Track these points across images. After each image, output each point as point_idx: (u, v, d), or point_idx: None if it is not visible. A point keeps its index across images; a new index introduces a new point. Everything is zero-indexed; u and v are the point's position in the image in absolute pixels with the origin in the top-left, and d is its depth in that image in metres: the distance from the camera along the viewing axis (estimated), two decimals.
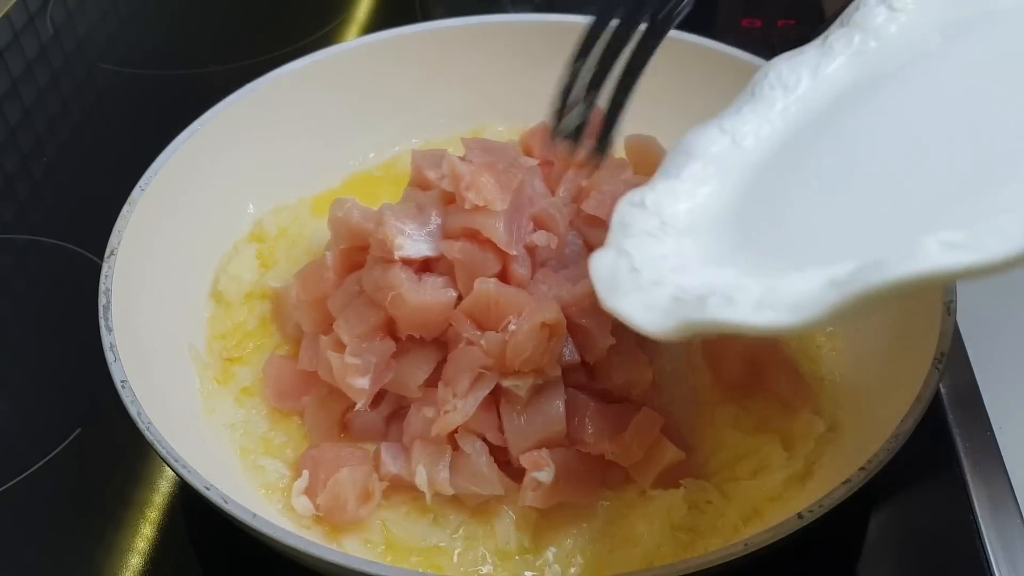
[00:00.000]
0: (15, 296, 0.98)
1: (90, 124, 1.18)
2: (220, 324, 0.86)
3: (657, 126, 0.98)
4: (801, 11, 1.24)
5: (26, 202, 1.07)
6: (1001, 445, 0.79)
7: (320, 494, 0.71)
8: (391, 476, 0.73)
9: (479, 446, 0.72)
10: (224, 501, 0.63)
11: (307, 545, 0.62)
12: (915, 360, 0.72)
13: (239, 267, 0.88)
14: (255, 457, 0.77)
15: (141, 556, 0.75)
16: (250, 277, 0.88)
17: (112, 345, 0.71)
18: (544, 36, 0.99)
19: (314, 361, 0.77)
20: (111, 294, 0.74)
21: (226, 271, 0.88)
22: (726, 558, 0.60)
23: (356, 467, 0.72)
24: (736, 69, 0.94)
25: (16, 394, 0.89)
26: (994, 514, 0.75)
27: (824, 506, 0.62)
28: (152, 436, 0.66)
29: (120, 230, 0.79)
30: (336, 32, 1.28)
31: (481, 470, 0.71)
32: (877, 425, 0.70)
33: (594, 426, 0.72)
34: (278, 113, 0.94)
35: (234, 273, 0.88)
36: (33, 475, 0.81)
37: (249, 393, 0.81)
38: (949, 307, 0.72)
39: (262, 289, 0.87)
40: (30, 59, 1.24)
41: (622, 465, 0.72)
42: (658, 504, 0.72)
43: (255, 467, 0.76)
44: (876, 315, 0.81)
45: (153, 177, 0.83)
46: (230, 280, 0.87)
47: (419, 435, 0.73)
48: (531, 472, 0.70)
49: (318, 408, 0.77)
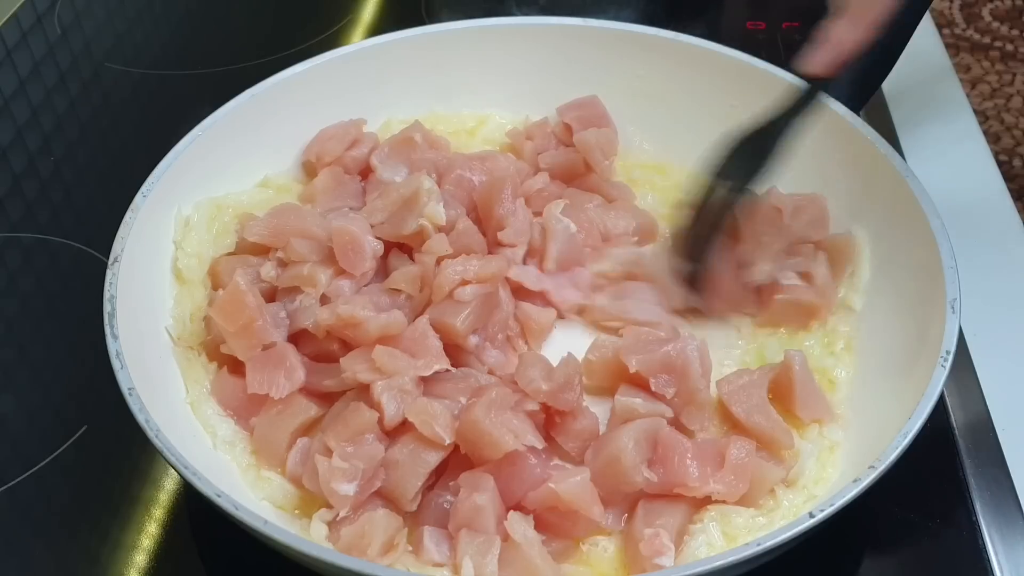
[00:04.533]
0: (22, 294, 0.99)
1: (97, 124, 1.18)
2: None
3: (661, 128, 0.99)
4: (806, 13, 1.24)
5: (33, 201, 1.07)
6: (1003, 446, 0.79)
7: (345, 527, 0.69)
8: (433, 562, 0.69)
9: (531, 535, 0.68)
10: (235, 508, 0.63)
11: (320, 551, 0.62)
12: (921, 359, 0.73)
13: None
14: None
15: (146, 553, 0.75)
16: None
17: (118, 352, 0.71)
18: (548, 38, 1.00)
19: (264, 384, 0.75)
20: (116, 301, 0.74)
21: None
22: (739, 557, 0.60)
23: (391, 513, 0.70)
24: (741, 72, 0.95)
25: (23, 391, 0.89)
26: (996, 515, 0.75)
27: (835, 504, 0.62)
28: (161, 443, 0.66)
29: (123, 237, 0.79)
30: (341, 34, 1.28)
31: (535, 562, 0.66)
32: (885, 423, 0.70)
33: (697, 467, 0.70)
34: (279, 116, 0.95)
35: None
36: (39, 472, 0.81)
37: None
38: (953, 306, 0.72)
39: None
40: (38, 59, 1.25)
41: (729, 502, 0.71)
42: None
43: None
44: (880, 313, 0.82)
45: (155, 183, 0.83)
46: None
47: (466, 523, 0.68)
48: (652, 559, 0.67)
49: (268, 428, 0.76)
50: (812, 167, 0.91)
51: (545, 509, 0.70)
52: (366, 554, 0.67)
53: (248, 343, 0.77)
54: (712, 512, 0.71)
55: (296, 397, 0.76)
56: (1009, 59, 2.58)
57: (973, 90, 2.49)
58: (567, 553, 0.71)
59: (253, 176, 0.94)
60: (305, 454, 0.74)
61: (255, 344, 0.77)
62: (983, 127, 2.06)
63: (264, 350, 0.77)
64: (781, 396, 0.77)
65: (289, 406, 0.76)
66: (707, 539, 0.69)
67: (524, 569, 0.66)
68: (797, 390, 0.76)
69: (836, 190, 0.89)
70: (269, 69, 0.95)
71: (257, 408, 0.77)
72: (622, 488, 0.72)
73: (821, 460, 0.75)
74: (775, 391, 0.78)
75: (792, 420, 0.77)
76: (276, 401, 0.75)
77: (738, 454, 0.71)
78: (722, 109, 0.96)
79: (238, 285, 0.77)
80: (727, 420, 0.77)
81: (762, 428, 0.74)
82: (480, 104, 1.02)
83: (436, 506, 0.71)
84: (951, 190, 0.88)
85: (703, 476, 0.70)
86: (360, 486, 0.70)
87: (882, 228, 0.85)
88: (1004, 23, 2.67)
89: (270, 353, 0.77)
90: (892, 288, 0.82)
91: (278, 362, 0.76)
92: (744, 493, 0.71)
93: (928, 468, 0.77)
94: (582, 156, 0.94)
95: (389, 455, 0.71)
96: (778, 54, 1.13)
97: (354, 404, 0.73)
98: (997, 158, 1.08)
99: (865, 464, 0.64)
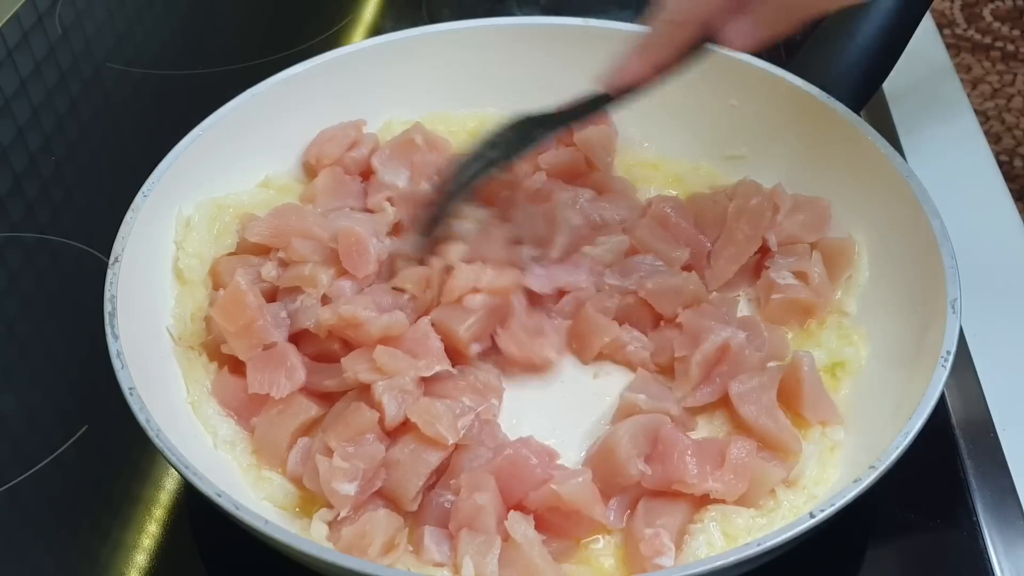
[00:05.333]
0: (23, 294, 0.99)
1: (98, 123, 1.18)
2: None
3: (661, 128, 0.99)
4: None
5: (34, 201, 1.07)
6: (1004, 447, 0.79)
7: (346, 527, 0.69)
8: (433, 562, 0.69)
9: (532, 535, 0.68)
10: (235, 508, 0.63)
11: (321, 551, 0.62)
12: (922, 359, 0.73)
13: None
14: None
15: (146, 553, 0.75)
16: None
17: (119, 352, 0.71)
18: (551, 38, 1.00)
19: (265, 384, 0.75)
20: (116, 301, 0.74)
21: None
22: (741, 557, 0.60)
23: (392, 513, 0.70)
24: (741, 72, 0.95)
25: (23, 391, 0.89)
26: (996, 515, 0.75)
27: (836, 504, 0.62)
28: (162, 444, 0.66)
29: (124, 236, 0.79)
30: (342, 34, 1.28)
31: (535, 562, 0.66)
32: (885, 423, 0.70)
33: (696, 464, 0.70)
34: (281, 116, 0.94)
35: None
36: (39, 472, 0.81)
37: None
38: (954, 306, 0.72)
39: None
40: (39, 59, 1.25)
41: (727, 501, 0.71)
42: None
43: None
44: (881, 313, 0.82)
45: (156, 183, 0.83)
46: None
47: (467, 523, 0.68)
48: (653, 559, 0.67)
49: (268, 428, 0.76)
50: (812, 166, 0.91)
51: (546, 509, 0.70)
52: (367, 554, 0.67)
53: (249, 343, 0.77)
54: (712, 512, 0.70)
55: (297, 397, 0.76)
56: (1010, 59, 2.58)
57: (974, 90, 2.49)
58: (568, 553, 0.70)
59: (254, 176, 0.94)
60: (306, 454, 0.74)
61: (256, 344, 0.77)
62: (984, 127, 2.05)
63: (265, 350, 0.77)
64: (788, 397, 0.77)
65: (290, 406, 0.76)
66: (707, 539, 0.69)
67: (525, 569, 0.66)
68: (805, 392, 0.76)
69: (836, 190, 0.89)
70: (270, 69, 0.95)
71: (258, 408, 0.77)
72: (618, 481, 0.72)
73: (822, 460, 0.75)
74: (783, 392, 0.77)
75: (797, 420, 0.77)
76: (277, 401, 0.75)
77: (738, 453, 0.71)
78: (722, 108, 0.96)
79: (239, 285, 0.77)
80: (735, 420, 0.77)
81: (769, 431, 0.74)
82: (480, 104, 1.02)
83: (437, 506, 0.71)
84: (951, 190, 0.88)
85: (702, 473, 0.70)
86: (361, 486, 0.69)
87: (882, 228, 0.85)
88: (1005, 23, 2.67)
89: (271, 353, 0.77)
90: (892, 288, 0.82)
91: (279, 362, 0.76)
92: (744, 493, 0.70)
93: (928, 468, 0.77)
94: (583, 154, 0.94)
95: (390, 455, 0.71)
96: (778, 54, 1.13)
97: (355, 404, 0.73)
98: (998, 158, 1.08)
99: (865, 464, 0.64)
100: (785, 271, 0.84)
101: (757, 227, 0.85)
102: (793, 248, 0.86)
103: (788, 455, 0.74)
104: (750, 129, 0.95)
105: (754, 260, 0.87)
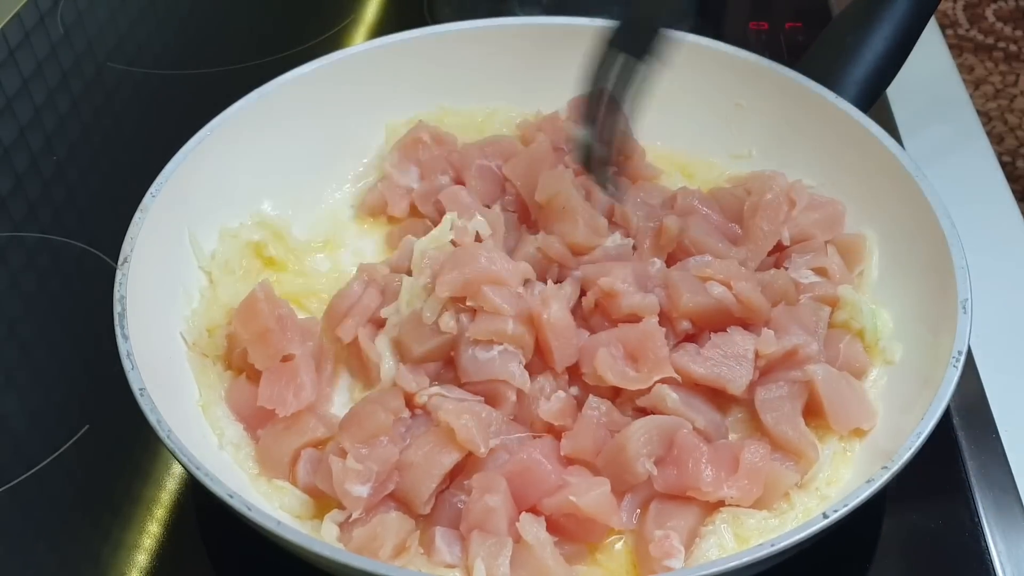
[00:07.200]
0: (25, 293, 0.99)
1: (100, 123, 1.18)
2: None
3: (665, 127, 0.99)
4: (808, 13, 1.24)
5: (36, 201, 1.07)
6: (1007, 448, 0.79)
7: (358, 528, 0.69)
8: (445, 563, 0.69)
9: (543, 537, 0.67)
10: (248, 509, 0.63)
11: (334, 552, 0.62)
12: (932, 359, 0.73)
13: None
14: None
15: (148, 553, 0.75)
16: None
17: (129, 353, 0.70)
18: (552, 38, 1.00)
19: (273, 399, 0.75)
20: (126, 301, 0.74)
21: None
22: (755, 558, 0.60)
23: (404, 516, 0.70)
24: (744, 71, 0.95)
25: (25, 390, 0.89)
26: (998, 516, 0.75)
27: (849, 505, 0.62)
28: (173, 444, 0.66)
29: (132, 237, 0.79)
30: (344, 34, 1.28)
31: (547, 564, 0.66)
32: (896, 424, 0.70)
33: (711, 471, 0.70)
34: (287, 116, 0.94)
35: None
36: (41, 471, 0.81)
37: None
38: (965, 306, 0.72)
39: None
40: (40, 58, 1.25)
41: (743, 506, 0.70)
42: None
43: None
44: (891, 313, 0.82)
45: (164, 184, 0.83)
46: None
47: (478, 524, 0.68)
48: (662, 561, 0.67)
49: (272, 442, 0.75)
50: (823, 166, 0.91)
51: (561, 515, 0.69)
52: (378, 556, 0.67)
53: (265, 352, 0.76)
54: (724, 514, 0.70)
55: (304, 416, 0.75)
56: (1013, 60, 2.58)
57: (976, 91, 2.49)
58: (579, 555, 0.70)
59: (262, 176, 0.93)
60: (314, 463, 0.73)
61: (273, 354, 0.76)
62: (986, 128, 2.06)
63: (284, 362, 0.76)
64: (814, 410, 0.76)
65: (295, 424, 0.75)
66: (718, 541, 0.69)
67: (536, 571, 0.66)
68: (826, 405, 0.75)
69: (846, 189, 0.89)
70: (271, 69, 0.95)
71: (266, 420, 0.76)
72: (626, 479, 0.71)
73: (834, 461, 0.74)
74: (810, 403, 0.76)
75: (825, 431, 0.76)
76: (284, 417, 0.75)
77: (751, 457, 0.70)
78: (728, 107, 0.96)
79: (255, 293, 0.77)
80: (757, 427, 0.76)
81: (788, 438, 0.73)
82: (488, 100, 1.02)
83: (449, 507, 0.71)
84: (954, 191, 0.88)
85: (717, 480, 0.70)
86: (374, 488, 0.69)
87: (892, 228, 0.85)
88: (1008, 24, 2.67)
89: (286, 367, 0.76)
90: (902, 288, 0.82)
91: (290, 379, 0.76)
92: (758, 497, 0.70)
93: (931, 470, 0.77)
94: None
95: (404, 457, 0.71)
96: (781, 54, 1.14)
97: (370, 407, 0.73)
98: (1000, 159, 1.08)
99: (876, 465, 0.64)
100: (804, 269, 0.84)
101: (775, 222, 0.85)
102: (807, 245, 0.85)
103: (804, 461, 0.74)
104: (758, 129, 0.96)
105: (770, 261, 0.86)
